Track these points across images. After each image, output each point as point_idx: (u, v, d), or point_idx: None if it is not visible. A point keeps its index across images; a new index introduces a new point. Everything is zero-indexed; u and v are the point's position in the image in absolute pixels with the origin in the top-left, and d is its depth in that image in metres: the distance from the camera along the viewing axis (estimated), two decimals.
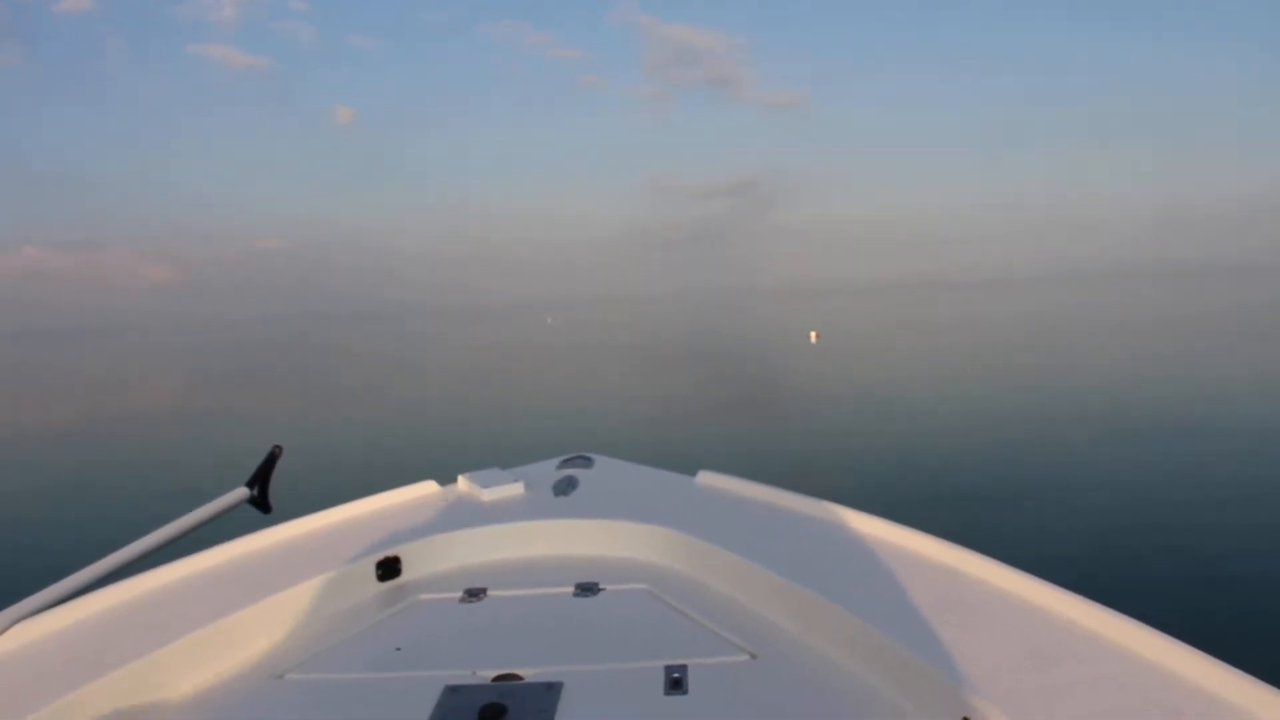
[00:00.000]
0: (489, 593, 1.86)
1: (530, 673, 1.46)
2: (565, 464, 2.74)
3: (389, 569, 1.95)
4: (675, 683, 1.40)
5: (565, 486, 2.43)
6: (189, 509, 2.10)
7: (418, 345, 51.37)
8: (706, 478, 2.43)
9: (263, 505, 2.30)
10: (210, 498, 2.17)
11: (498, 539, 2.11)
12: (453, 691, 1.38)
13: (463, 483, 2.50)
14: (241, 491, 2.24)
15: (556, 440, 12.74)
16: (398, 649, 1.59)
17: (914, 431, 12.47)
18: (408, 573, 1.98)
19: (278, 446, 2.34)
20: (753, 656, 1.51)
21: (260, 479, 2.29)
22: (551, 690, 1.37)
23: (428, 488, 2.47)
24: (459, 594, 1.86)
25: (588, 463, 2.74)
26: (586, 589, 1.85)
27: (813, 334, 36.86)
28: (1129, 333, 31.94)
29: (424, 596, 1.86)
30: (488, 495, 2.35)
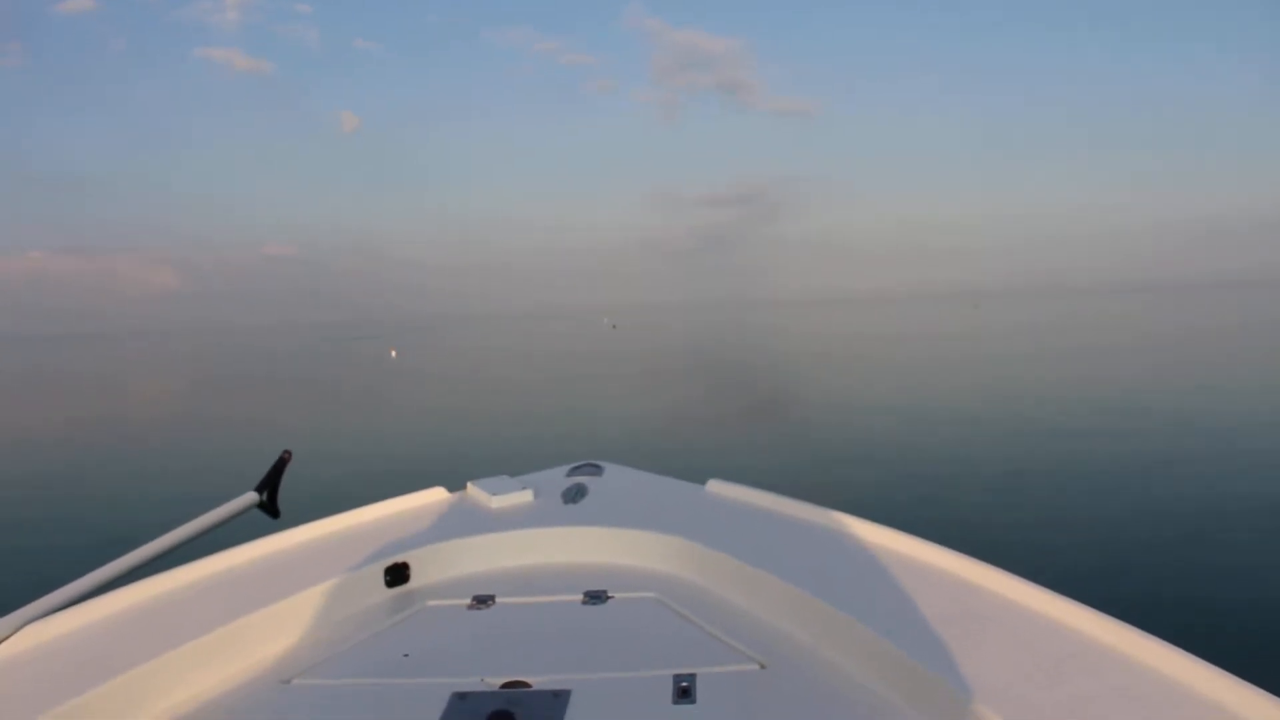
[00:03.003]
0: (497, 600, 1.85)
1: (538, 680, 1.45)
2: (574, 471, 2.73)
3: (397, 575, 1.94)
4: (684, 692, 1.39)
5: (574, 494, 2.42)
6: (199, 513, 2.11)
7: (427, 352, 51.50)
8: (716, 486, 2.42)
9: (272, 510, 2.30)
10: (220, 502, 2.17)
11: (506, 546, 2.11)
12: (461, 698, 1.38)
13: (472, 489, 2.49)
14: (251, 496, 2.25)
15: (566, 448, 12.75)
16: (406, 655, 1.59)
17: (927, 443, 12.42)
18: (416, 579, 1.98)
19: (287, 451, 2.35)
20: (761, 666, 1.50)
21: (270, 484, 2.30)
22: (560, 698, 1.37)
23: (436, 494, 2.47)
24: (467, 601, 1.85)
25: (597, 470, 2.73)
26: (595, 597, 1.84)
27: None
28: (1147, 346, 31.76)
29: (432, 603, 1.86)
30: (496, 502, 2.35)
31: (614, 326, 70.35)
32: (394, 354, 40.73)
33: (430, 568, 2.00)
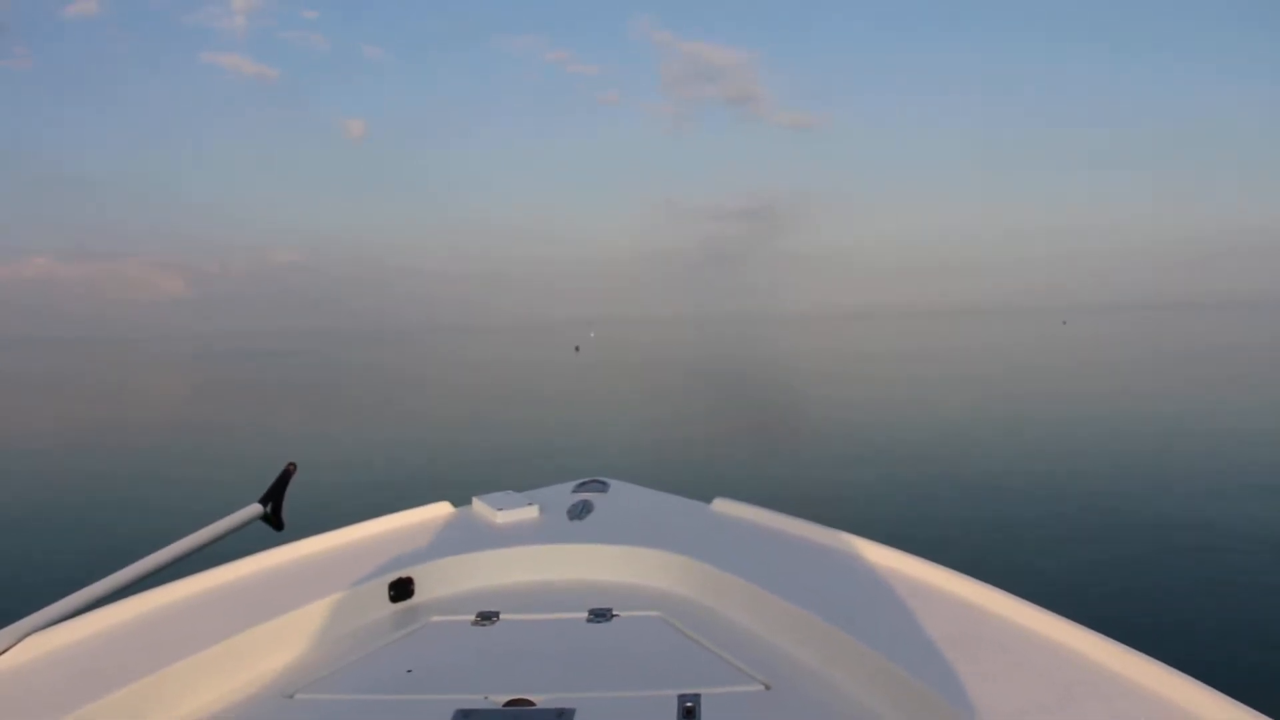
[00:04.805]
0: (502, 616, 1.84)
1: (542, 698, 1.44)
2: (580, 488, 2.73)
3: (401, 590, 1.94)
4: (688, 712, 1.38)
5: (580, 510, 2.42)
6: (202, 525, 2.10)
7: (432, 363, 51.55)
8: (722, 504, 2.41)
9: (276, 523, 2.30)
10: (224, 514, 2.17)
11: (511, 562, 2.10)
12: (464, 716, 1.37)
13: (477, 504, 2.49)
14: (255, 508, 2.24)
15: (572, 464, 12.74)
16: (409, 671, 1.58)
17: (935, 463, 12.36)
18: (420, 594, 1.97)
19: (292, 464, 2.34)
20: (766, 687, 1.49)
21: (274, 496, 2.29)
22: (563, 716, 1.36)
23: (442, 509, 2.47)
24: (471, 617, 1.84)
25: (603, 487, 2.73)
26: (600, 615, 1.83)
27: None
28: (1161, 366, 31.62)
29: (436, 619, 1.85)
30: (502, 518, 2.34)
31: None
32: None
33: (435, 583, 2.00)
